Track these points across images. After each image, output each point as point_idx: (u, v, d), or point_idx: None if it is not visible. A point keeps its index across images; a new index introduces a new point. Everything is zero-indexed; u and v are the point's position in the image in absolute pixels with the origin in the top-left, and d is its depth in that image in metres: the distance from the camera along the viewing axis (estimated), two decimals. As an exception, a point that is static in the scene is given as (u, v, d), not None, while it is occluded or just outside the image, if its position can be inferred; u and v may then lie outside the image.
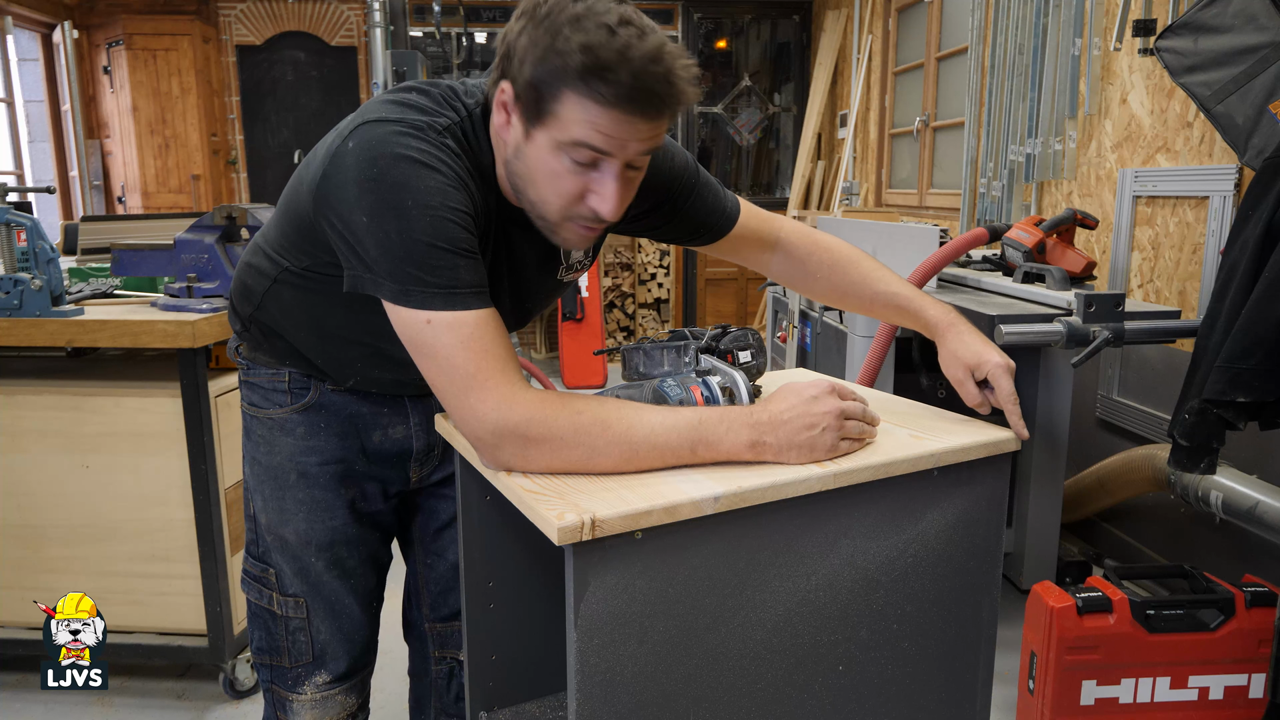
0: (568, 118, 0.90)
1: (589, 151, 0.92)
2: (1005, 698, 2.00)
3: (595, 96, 0.88)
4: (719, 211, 1.24)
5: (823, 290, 1.30)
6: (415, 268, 0.91)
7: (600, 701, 0.87)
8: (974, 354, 1.13)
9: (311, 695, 1.30)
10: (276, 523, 1.26)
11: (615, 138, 0.91)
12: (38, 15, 5.38)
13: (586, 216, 0.98)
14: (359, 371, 1.21)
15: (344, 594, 1.29)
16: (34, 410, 2.00)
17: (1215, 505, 1.91)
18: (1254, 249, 1.69)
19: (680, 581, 0.89)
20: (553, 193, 0.96)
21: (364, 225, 0.92)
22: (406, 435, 1.29)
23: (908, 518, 1.03)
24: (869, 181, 5.27)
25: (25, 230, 1.95)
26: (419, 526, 1.42)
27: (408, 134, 0.94)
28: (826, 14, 5.94)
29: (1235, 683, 1.84)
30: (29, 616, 2.06)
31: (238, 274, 1.25)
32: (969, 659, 1.13)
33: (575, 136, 0.91)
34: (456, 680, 1.45)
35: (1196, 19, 2.11)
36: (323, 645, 1.29)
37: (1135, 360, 2.71)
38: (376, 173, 0.92)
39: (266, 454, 1.25)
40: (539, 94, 0.90)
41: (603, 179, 0.94)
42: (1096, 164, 3.00)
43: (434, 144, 0.95)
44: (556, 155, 0.93)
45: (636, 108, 0.89)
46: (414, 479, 1.33)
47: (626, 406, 0.94)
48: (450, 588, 1.42)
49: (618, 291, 6.36)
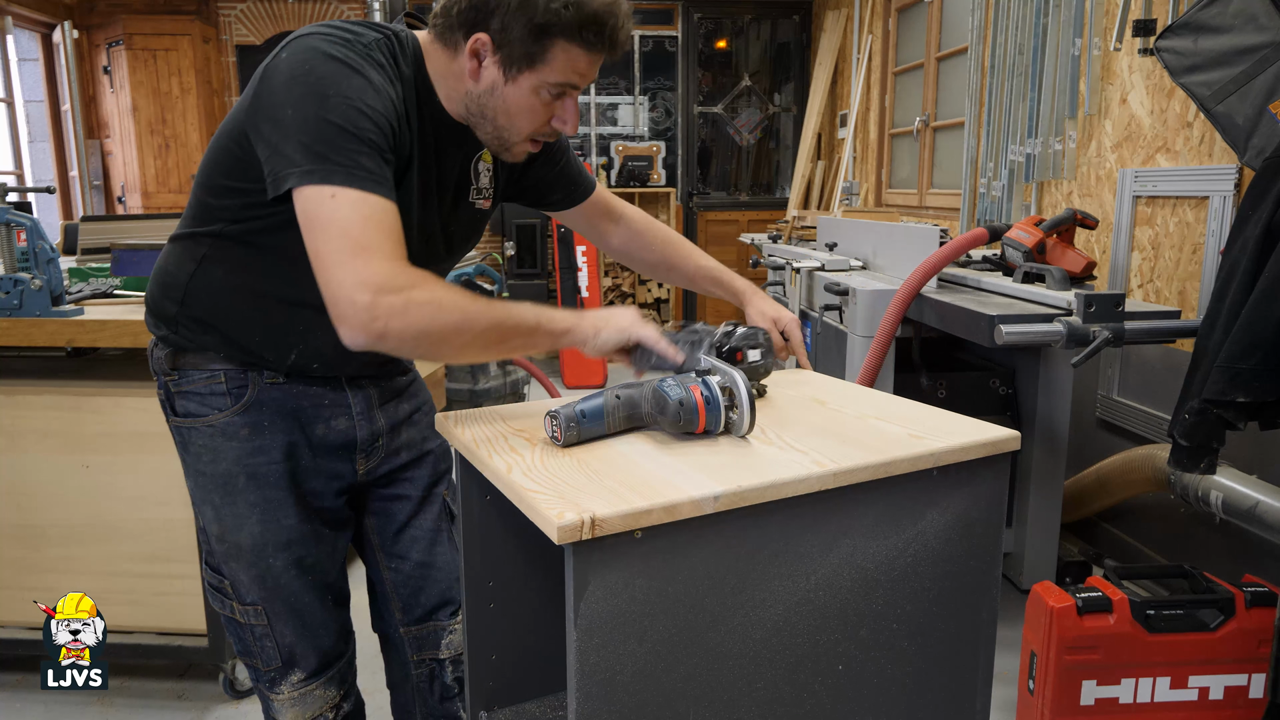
0: (556, 64, 1.06)
1: (569, 88, 1.09)
2: (1005, 698, 2.00)
3: (583, 44, 1.04)
4: (583, 174, 1.43)
5: (654, 262, 1.48)
6: (327, 147, 0.96)
7: (600, 701, 0.87)
8: (775, 310, 1.38)
9: (289, 694, 1.32)
10: (231, 530, 1.25)
11: (587, 75, 1.09)
12: (38, 15, 5.38)
13: (546, 135, 1.16)
14: (301, 339, 1.19)
15: (304, 592, 1.29)
16: (34, 410, 2.00)
17: (1215, 505, 1.92)
18: (1254, 249, 1.69)
19: (680, 581, 0.89)
20: (527, 123, 1.12)
21: (288, 116, 0.98)
22: (350, 425, 1.29)
23: (907, 517, 1.03)
24: (869, 181, 5.27)
25: (25, 230, 1.95)
26: (376, 531, 1.42)
27: (337, 42, 1.04)
28: (826, 14, 5.94)
29: (1235, 683, 1.84)
30: (29, 616, 2.06)
31: (154, 279, 1.25)
32: (969, 659, 1.13)
33: (559, 79, 1.07)
34: (439, 681, 1.44)
35: (1196, 19, 2.11)
36: (289, 648, 1.30)
37: (1135, 360, 2.71)
38: (305, 69, 1.00)
39: (210, 463, 1.24)
40: (532, 46, 1.05)
41: (566, 105, 1.12)
42: (1096, 164, 3.00)
43: (360, 54, 1.04)
44: (535, 94, 1.09)
45: (609, 51, 1.07)
46: (361, 471, 1.34)
47: (501, 304, 1.08)
48: (419, 588, 1.42)
49: (617, 291, 6.36)
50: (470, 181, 1.24)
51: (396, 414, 1.37)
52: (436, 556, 1.42)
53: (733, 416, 1.05)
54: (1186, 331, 2.05)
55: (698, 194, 6.59)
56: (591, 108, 6.46)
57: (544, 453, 1.01)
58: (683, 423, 1.04)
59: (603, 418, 1.05)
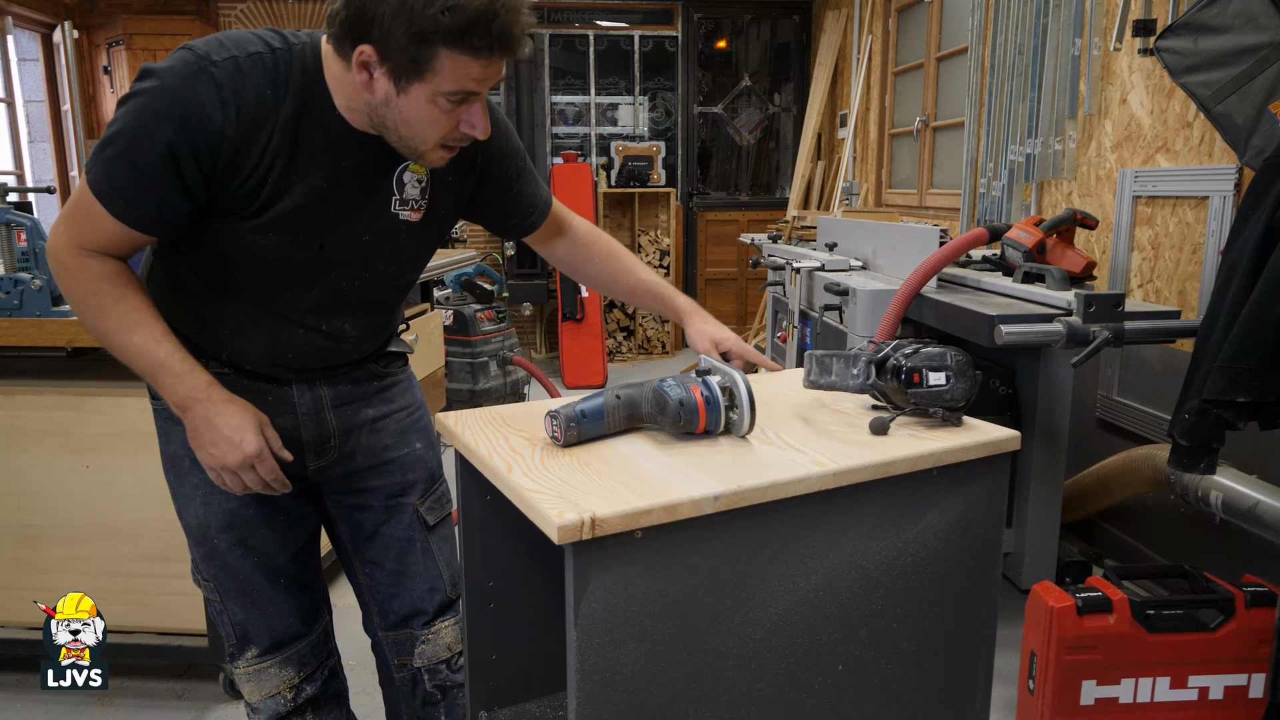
0: (444, 72, 1.02)
1: (463, 94, 1.05)
2: (1005, 698, 2.00)
3: (469, 50, 1.00)
4: (539, 195, 1.39)
5: (597, 274, 1.45)
6: (103, 159, 1.07)
7: (600, 701, 0.87)
8: (717, 331, 1.37)
9: (244, 669, 1.37)
10: (181, 509, 1.32)
11: (484, 79, 1.05)
12: (38, 15, 5.38)
13: (458, 139, 1.12)
14: (231, 339, 1.25)
15: (251, 573, 1.32)
16: (34, 410, 2.00)
17: (1215, 505, 1.92)
18: (1254, 249, 1.69)
19: (680, 580, 0.89)
20: (431, 132, 1.09)
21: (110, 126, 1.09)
22: (294, 425, 1.30)
23: (907, 517, 1.03)
24: (869, 181, 5.27)
25: (25, 230, 1.95)
26: (348, 539, 1.43)
27: (188, 63, 1.05)
28: (826, 14, 5.94)
29: (1235, 683, 1.84)
30: (29, 616, 2.06)
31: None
32: (969, 659, 1.13)
33: (453, 87, 1.04)
34: (421, 688, 1.45)
35: (1196, 19, 2.11)
36: (241, 624, 1.35)
37: (1135, 360, 2.71)
38: (134, 90, 1.06)
39: (165, 444, 1.32)
40: (416, 56, 1.01)
41: (472, 109, 1.09)
42: (1096, 164, 3.00)
43: (202, 75, 1.04)
44: (432, 103, 1.05)
45: (501, 52, 1.02)
46: (312, 468, 1.35)
47: (136, 320, 1.13)
48: (393, 594, 1.43)
49: (618, 292, 6.36)
50: (393, 192, 1.21)
51: (355, 418, 1.36)
52: (408, 565, 1.42)
53: (733, 416, 1.05)
54: (1186, 331, 2.05)
55: (698, 194, 6.59)
56: (591, 108, 6.46)
57: (544, 453, 1.01)
58: (683, 423, 1.04)
59: (603, 418, 1.05)
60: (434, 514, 1.44)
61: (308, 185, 1.13)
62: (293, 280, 1.21)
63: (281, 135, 1.10)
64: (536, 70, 6.27)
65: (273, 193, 1.11)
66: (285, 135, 1.10)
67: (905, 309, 2.34)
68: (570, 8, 6.30)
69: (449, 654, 1.44)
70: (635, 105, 6.52)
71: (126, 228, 1.10)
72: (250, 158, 1.09)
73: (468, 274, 4.74)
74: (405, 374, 1.45)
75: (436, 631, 1.43)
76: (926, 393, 1.07)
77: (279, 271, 1.19)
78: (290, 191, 1.12)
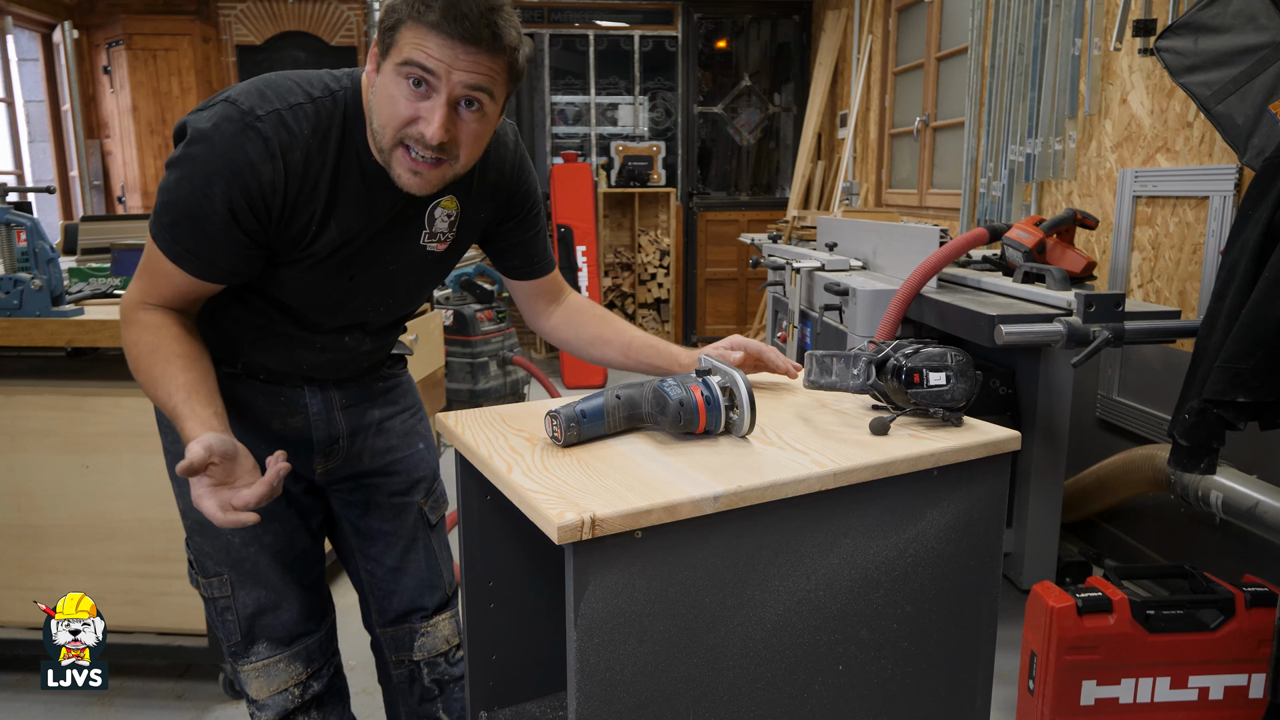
0: (403, 43, 1.04)
1: (418, 70, 1.04)
2: (1005, 698, 2.00)
3: (422, 21, 1.02)
4: (546, 254, 1.43)
5: (588, 338, 1.44)
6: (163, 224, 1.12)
7: (600, 701, 0.87)
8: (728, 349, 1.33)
9: (254, 665, 1.36)
10: (190, 505, 1.29)
11: (441, 60, 1.03)
12: (38, 15, 5.38)
13: (414, 139, 1.08)
14: (248, 350, 1.28)
15: (266, 565, 1.33)
16: (34, 410, 2.00)
17: (1215, 505, 1.92)
18: (1254, 249, 1.69)
19: (680, 581, 0.89)
20: (389, 115, 1.07)
21: (164, 182, 1.13)
22: (305, 425, 1.33)
23: (907, 517, 1.03)
24: (869, 181, 5.27)
25: (25, 230, 1.95)
26: (351, 536, 1.45)
27: (232, 119, 1.08)
28: (826, 14, 5.94)
29: (1235, 683, 1.84)
30: (29, 616, 2.06)
31: None
32: (969, 659, 1.13)
33: (405, 56, 1.04)
34: (419, 683, 1.47)
35: (1196, 19, 2.11)
36: (250, 619, 1.34)
37: (1135, 360, 2.71)
38: (183, 151, 1.09)
39: (173, 441, 1.31)
40: (387, 35, 1.06)
41: (431, 106, 1.06)
42: (1096, 164, 3.00)
43: (266, 125, 1.08)
44: (396, 80, 1.06)
45: (456, 29, 1.02)
46: (320, 471, 1.36)
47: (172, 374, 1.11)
48: (391, 591, 1.44)
49: (618, 291, 6.36)
50: (424, 226, 1.25)
51: (363, 419, 1.38)
52: (409, 563, 1.44)
53: (733, 416, 1.05)
54: (1186, 331, 2.05)
55: (698, 194, 6.59)
56: (591, 107, 6.46)
57: (544, 453, 1.01)
58: (683, 423, 1.04)
59: (603, 418, 1.05)
60: (435, 512, 1.47)
61: (344, 225, 1.17)
62: (319, 307, 1.25)
63: (324, 181, 1.13)
64: (536, 70, 6.27)
65: (314, 236, 1.16)
66: (327, 181, 1.14)
67: (905, 309, 2.34)
68: (570, 8, 6.30)
69: (447, 646, 1.46)
70: (635, 105, 6.52)
71: (200, 281, 1.15)
72: (299, 205, 1.13)
73: (467, 274, 4.74)
74: (405, 375, 1.49)
75: (435, 624, 1.45)
76: (927, 393, 1.07)
77: (306, 299, 1.23)
78: (328, 232, 1.16)
